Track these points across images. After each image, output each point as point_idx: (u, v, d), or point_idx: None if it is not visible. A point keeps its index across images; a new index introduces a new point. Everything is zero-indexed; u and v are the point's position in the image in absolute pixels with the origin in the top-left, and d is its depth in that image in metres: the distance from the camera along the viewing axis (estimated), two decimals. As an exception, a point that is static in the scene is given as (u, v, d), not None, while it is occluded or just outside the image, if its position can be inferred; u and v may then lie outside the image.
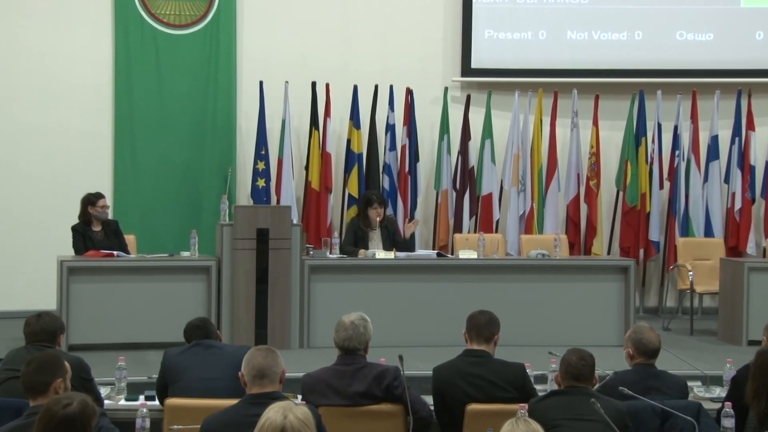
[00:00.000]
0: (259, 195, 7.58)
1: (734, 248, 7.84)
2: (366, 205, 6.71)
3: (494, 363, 3.72)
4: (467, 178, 7.91)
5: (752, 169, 7.91)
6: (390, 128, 7.86)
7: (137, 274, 6.07)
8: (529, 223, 7.85)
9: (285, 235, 6.16)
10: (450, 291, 6.35)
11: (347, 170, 7.81)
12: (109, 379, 4.22)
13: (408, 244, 6.77)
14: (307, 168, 7.79)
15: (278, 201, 7.60)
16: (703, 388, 4.31)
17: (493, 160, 7.97)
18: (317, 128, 7.74)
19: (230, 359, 3.64)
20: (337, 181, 7.92)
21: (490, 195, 7.91)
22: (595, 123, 8.07)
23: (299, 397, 3.58)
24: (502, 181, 8.05)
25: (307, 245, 6.81)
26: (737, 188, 7.90)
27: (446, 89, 7.98)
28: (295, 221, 6.59)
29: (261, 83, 7.67)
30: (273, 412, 2.32)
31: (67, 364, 3.04)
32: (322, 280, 6.27)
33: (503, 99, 8.10)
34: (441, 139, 7.95)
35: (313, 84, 7.75)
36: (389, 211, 7.43)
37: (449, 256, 6.82)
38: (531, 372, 3.77)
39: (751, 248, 7.86)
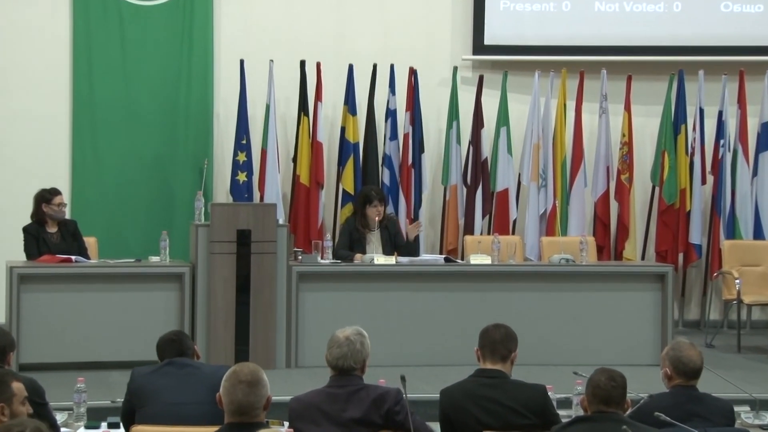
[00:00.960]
0: (240, 191, 7.58)
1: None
2: (363, 203, 6.72)
3: (511, 385, 3.69)
4: (480, 171, 7.91)
5: (810, 160, 7.93)
6: (391, 114, 7.86)
7: (99, 283, 6.07)
8: (551, 224, 7.86)
9: (269, 237, 6.17)
10: (460, 302, 6.36)
11: (341, 162, 7.81)
12: (66, 404, 4.21)
13: (411, 248, 6.78)
14: (295, 160, 7.79)
15: (262, 198, 7.59)
16: (752, 414, 4.29)
17: (509, 150, 7.97)
18: (307, 114, 7.74)
19: (207, 381, 3.61)
20: (329, 175, 7.91)
21: (506, 191, 7.92)
22: (627, 108, 8.07)
23: (286, 424, 3.56)
24: (519, 175, 8.06)
25: (296, 249, 6.82)
26: (793, 183, 7.91)
27: (455, 69, 7.99)
28: (281, 221, 6.59)
29: (242, 62, 7.66)
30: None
31: (16, 385, 3.03)
32: (313, 289, 6.28)
33: (521, 80, 8.10)
34: (449, 126, 7.95)
35: (302, 63, 7.74)
36: (390, 209, 7.42)
37: (459, 261, 6.84)
38: (553, 395, 3.76)
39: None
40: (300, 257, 6.43)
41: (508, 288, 6.42)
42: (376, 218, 6.60)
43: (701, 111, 7.93)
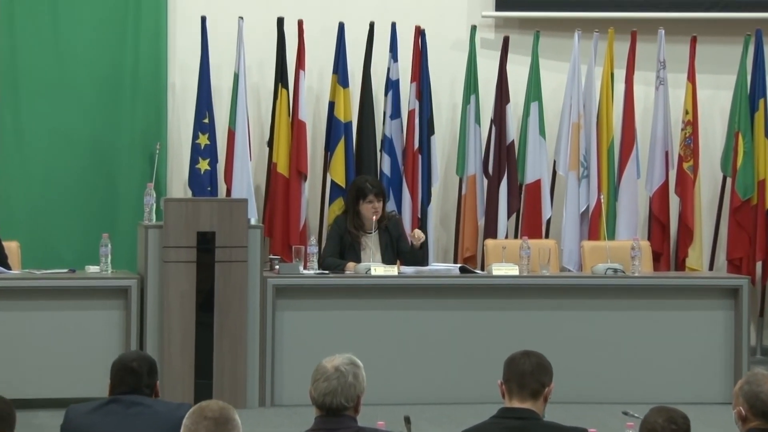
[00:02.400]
0: (201, 183, 7.60)
1: None
2: (356, 198, 6.72)
3: (544, 428, 3.70)
4: (505, 158, 7.92)
5: None
6: (392, 86, 7.87)
7: (21, 299, 6.08)
8: (595, 224, 7.87)
9: (239, 241, 6.18)
10: (479, 323, 6.38)
11: (330, 147, 7.82)
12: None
13: (418, 255, 6.79)
14: (271, 144, 7.80)
15: (229, 192, 7.62)
16: None
17: (542, 132, 7.98)
18: (286, 86, 7.75)
19: (161, 423, 3.61)
20: (314, 162, 7.93)
21: (537, 183, 7.93)
22: (692, 78, 8.07)
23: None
24: (555, 162, 8.06)
25: (272, 256, 6.83)
26: None
27: (473, 29, 7.99)
28: (253, 221, 6.61)
29: (203, 20, 7.65)
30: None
31: None
32: (294, 306, 6.29)
33: (557, 43, 8.12)
34: (466, 101, 7.96)
35: (280, 21, 7.74)
36: (391, 206, 7.43)
37: (478, 272, 6.85)
38: (598, 441, 3.78)
39: None
40: (277, 267, 6.43)
41: (540, 306, 6.43)
42: (373, 217, 6.60)
43: (786, 81, 7.97)
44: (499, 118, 7.93)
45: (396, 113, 7.88)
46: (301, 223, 7.69)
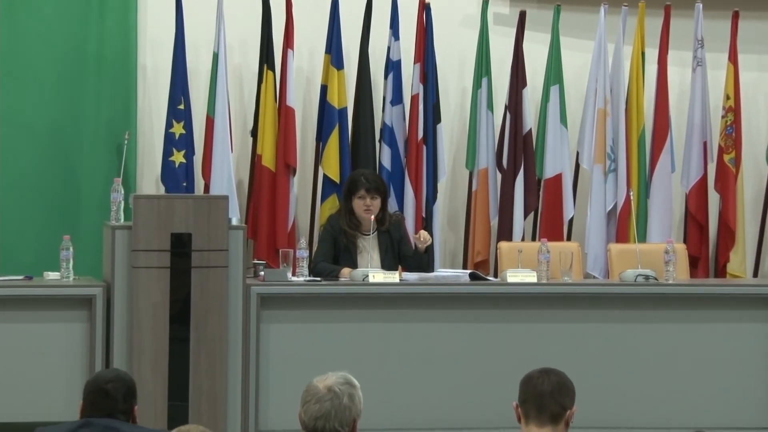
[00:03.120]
0: (176, 177, 7.61)
1: None
2: (352, 195, 6.72)
3: (566, 457, 3.71)
4: (521, 150, 7.94)
5: None
6: (393, 68, 7.88)
7: (-28, 310, 6.08)
8: (624, 225, 7.88)
9: (218, 244, 6.17)
10: (491, 337, 6.37)
11: (322, 137, 7.83)
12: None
13: (423, 260, 6.78)
14: (255, 133, 7.80)
15: (207, 188, 7.63)
16: None
17: (563, 120, 7.99)
18: (272, 68, 7.76)
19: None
20: (304, 154, 7.94)
21: (558, 178, 7.95)
22: (733, 58, 8.07)
23: None
24: (578, 154, 8.08)
25: (256, 261, 6.83)
26: None
27: (485, 3, 7.99)
28: (234, 221, 6.59)
29: (178, -8, 7.69)
30: None
31: None
32: (281, 318, 6.28)
33: (581, 18, 8.14)
34: (477, 85, 7.97)
35: (265, -7, 7.78)
36: (392, 205, 7.45)
37: (491, 279, 6.84)
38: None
39: None
40: (262, 273, 6.43)
41: (561, 317, 6.42)
42: (371, 217, 6.59)
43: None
44: (515, 104, 7.93)
45: (397, 98, 7.88)
46: (290, 223, 7.70)
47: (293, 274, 6.44)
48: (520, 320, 6.39)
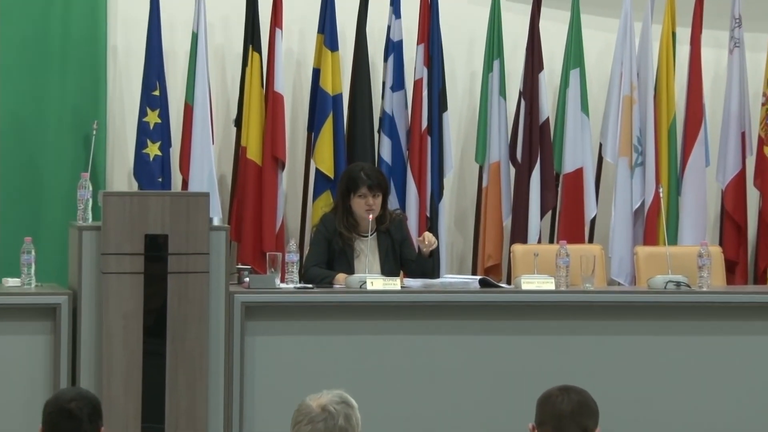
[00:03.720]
0: (150, 172, 7.62)
1: None
2: (347, 192, 6.71)
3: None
4: (537, 141, 7.94)
5: None
6: (394, 49, 7.90)
7: None
8: (652, 225, 7.90)
9: (198, 246, 6.17)
10: (504, 351, 6.38)
11: (314, 127, 7.84)
12: None
13: (427, 265, 6.79)
14: (239, 123, 7.81)
15: (185, 184, 7.65)
16: None
17: (584, 107, 8.01)
18: (258, 49, 7.77)
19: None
20: (295, 146, 7.96)
21: (579, 173, 7.97)
22: (775, 39, 8.11)
23: None
24: (601, 146, 8.10)
25: (240, 266, 6.84)
26: None
27: (498, -24, 8.01)
28: (216, 221, 6.59)
29: (153, -35, 7.69)
30: None
31: None
32: (268, 330, 6.29)
33: (604, -6, 8.14)
34: (488, 69, 7.99)
35: (251, -34, 7.78)
36: (392, 203, 7.45)
37: (503, 286, 6.85)
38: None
39: None
40: (247, 279, 6.43)
41: (582, 329, 6.42)
42: (369, 216, 6.59)
43: None
44: (530, 90, 7.94)
45: (399, 84, 7.89)
46: (278, 223, 7.70)
47: (282, 281, 6.45)
48: (536, 332, 6.39)
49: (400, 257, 6.74)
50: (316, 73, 7.82)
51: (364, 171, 6.72)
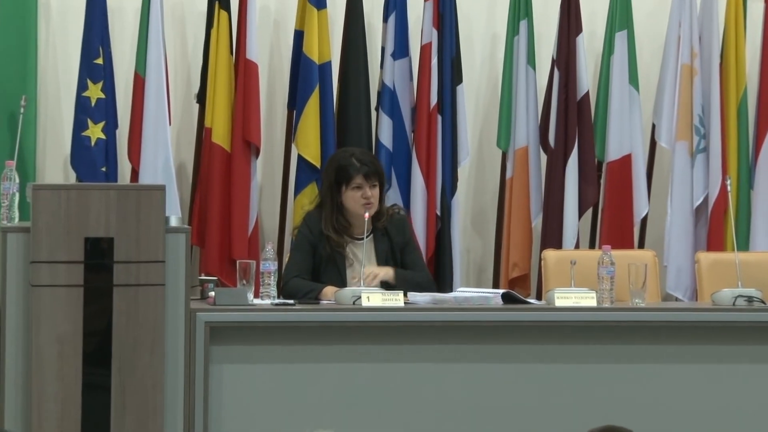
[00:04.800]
0: (91, 160, 7.64)
1: None
2: (337, 184, 6.71)
3: None
4: (574, 121, 7.96)
5: None
6: (395, 7, 7.92)
7: None
8: (718, 226, 7.92)
9: (151, 253, 6.16)
10: (533, 382, 6.39)
11: (297, 103, 7.86)
12: None
13: (422, 280, 6.81)
14: (202, 98, 7.84)
15: (136, 175, 7.69)
16: None
17: (633, 79, 8.04)
18: (226, 7, 7.81)
19: None
20: (272, 128, 8.01)
21: (626, 161, 7.99)
22: None
23: None
24: (654, 128, 8.12)
25: (204, 277, 6.84)
26: None
27: None
28: (174, 221, 6.56)
29: None
30: None
31: None
32: (238, 357, 6.29)
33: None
34: (513, 31, 8.01)
35: None
36: (392, 196, 7.50)
37: (531, 302, 6.86)
38: None
39: None
40: (213, 294, 6.41)
41: (630, 355, 6.43)
42: (364, 213, 6.59)
43: None
44: (566, 58, 7.97)
45: (402, 50, 7.93)
46: (251, 224, 7.74)
47: (256, 296, 6.46)
48: (573, 359, 6.39)
49: (401, 266, 6.74)
50: (299, 37, 7.84)
51: (355, 157, 6.72)
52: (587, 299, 6.44)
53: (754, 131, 8.01)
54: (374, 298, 6.32)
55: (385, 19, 7.92)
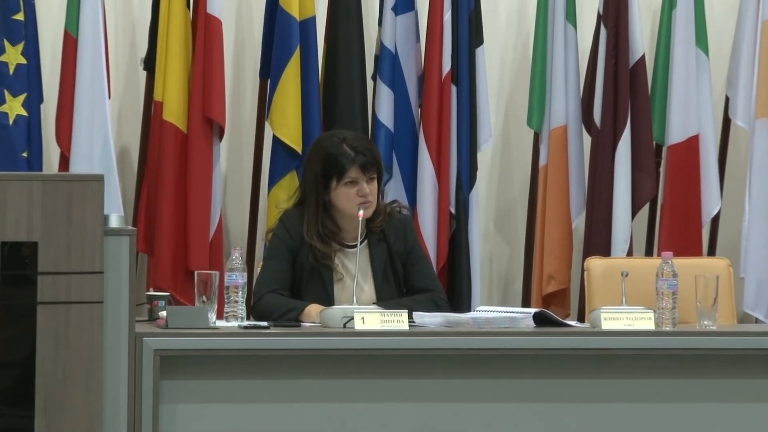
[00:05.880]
0: (9, 142, 7.70)
1: None
2: (327, 178, 6.74)
3: None
4: (627, 93, 7.98)
5: None
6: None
7: None
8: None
9: (86, 262, 6.17)
10: (576, 426, 6.43)
11: (272, 72, 7.93)
12: None
13: (436, 301, 6.85)
14: (151, 65, 7.88)
15: (66, 161, 7.74)
16: None
17: (701, 41, 8.08)
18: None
19: None
20: (240, 103, 8.09)
21: (693, 144, 8.05)
22: None
23: None
24: (728, 102, 8.18)
25: (153, 292, 6.87)
26: None
27: None
28: (115, 220, 6.55)
29: None
30: None
31: None
32: (197, 394, 6.31)
33: None
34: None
35: None
36: (393, 190, 7.51)
37: (571, 324, 6.87)
38: None
39: None
40: (164, 313, 6.43)
41: (699, 391, 6.46)
42: (361, 212, 6.60)
43: None
44: (616, 14, 8.04)
45: (405, 3, 7.96)
46: (213, 224, 7.80)
47: (219, 317, 6.49)
48: (625, 397, 6.42)
49: (403, 278, 6.77)
50: (274, -16, 7.86)
51: (347, 143, 6.73)
52: (643, 321, 6.45)
53: None
54: (371, 320, 6.34)
55: (384, -36, 7.96)
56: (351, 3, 7.89)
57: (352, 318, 6.32)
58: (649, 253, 7.82)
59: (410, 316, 6.46)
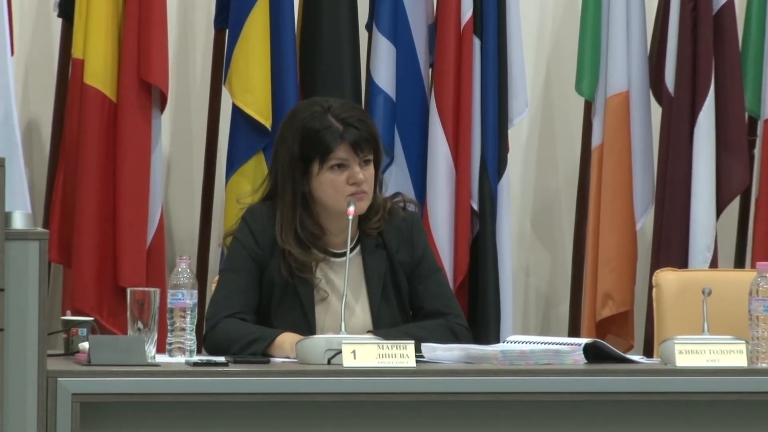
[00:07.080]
0: None
1: None
2: (306, 161, 6.81)
3: None
4: (709, 54, 8.02)
5: None
6: None
7: None
8: None
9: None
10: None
11: (229, 18, 7.99)
12: None
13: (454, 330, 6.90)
14: (69, 12, 7.95)
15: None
16: None
17: None
18: None
19: None
20: (187, 60, 8.18)
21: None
22: None
23: None
24: None
25: (70, 317, 6.92)
26: None
27: None
28: (20, 220, 6.54)
29: None
30: None
31: None
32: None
33: None
34: None
35: None
36: (395, 179, 7.51)
37: (636, 359, 6.91)
38: None
39: None
40: (84, 345, 6.41)
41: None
42: (349, 209, 6.64)
43: None
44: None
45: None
46: (152, 225, 7.82)
47: (161, 350, 6.52)
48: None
49: (408, 298, 6.74)
50: None
51: (333, 113, 6.77)
52: (731, 355, 6.48)
53: None
54: (364, 354, 6.34)
55: None
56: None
57: (340, 351, 6.34)
58: (739, 264, 7.80)
59: (418, 349, 6.51)
